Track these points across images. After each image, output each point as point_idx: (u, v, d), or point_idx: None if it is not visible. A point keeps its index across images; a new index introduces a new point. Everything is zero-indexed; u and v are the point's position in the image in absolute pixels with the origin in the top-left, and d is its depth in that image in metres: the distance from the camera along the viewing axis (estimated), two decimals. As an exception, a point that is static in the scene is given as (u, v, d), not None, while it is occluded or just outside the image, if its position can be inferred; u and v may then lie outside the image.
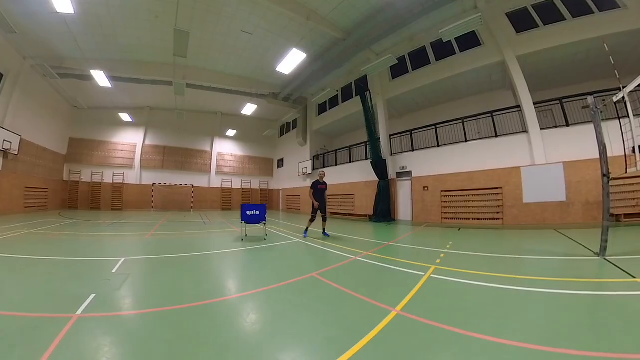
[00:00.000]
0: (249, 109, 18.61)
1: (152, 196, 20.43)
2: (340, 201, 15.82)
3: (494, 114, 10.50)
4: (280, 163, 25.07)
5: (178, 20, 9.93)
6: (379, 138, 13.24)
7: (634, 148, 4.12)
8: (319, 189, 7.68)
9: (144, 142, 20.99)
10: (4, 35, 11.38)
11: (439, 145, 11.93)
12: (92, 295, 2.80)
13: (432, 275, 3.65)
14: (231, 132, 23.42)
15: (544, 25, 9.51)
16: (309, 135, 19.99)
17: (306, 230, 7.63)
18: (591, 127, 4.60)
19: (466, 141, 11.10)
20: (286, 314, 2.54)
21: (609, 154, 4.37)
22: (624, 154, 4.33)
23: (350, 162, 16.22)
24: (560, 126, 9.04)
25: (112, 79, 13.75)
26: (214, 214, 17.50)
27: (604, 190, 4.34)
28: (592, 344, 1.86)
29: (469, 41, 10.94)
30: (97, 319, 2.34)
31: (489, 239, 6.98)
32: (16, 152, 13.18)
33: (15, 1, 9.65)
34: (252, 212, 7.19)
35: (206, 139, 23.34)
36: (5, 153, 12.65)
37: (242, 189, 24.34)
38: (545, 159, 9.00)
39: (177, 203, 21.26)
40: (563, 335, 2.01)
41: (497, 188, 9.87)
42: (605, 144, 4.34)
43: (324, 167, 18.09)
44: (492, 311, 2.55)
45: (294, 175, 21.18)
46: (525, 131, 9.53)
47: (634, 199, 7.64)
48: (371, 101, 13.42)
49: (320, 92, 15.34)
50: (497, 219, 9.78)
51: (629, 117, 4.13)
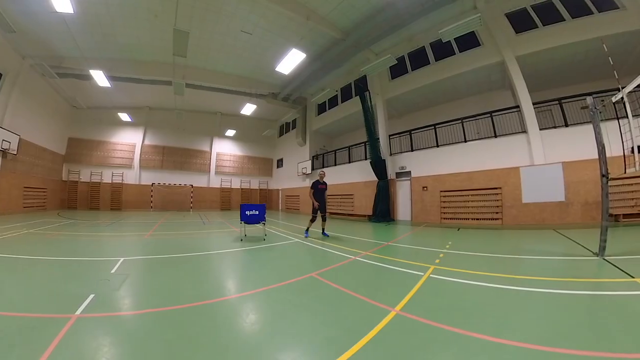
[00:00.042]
0: (249, 109, 18.61)
1: (151, 196, 20.41)
2: (340, 201, 15.83)
3: (493, 114, 10.52)
4: (280, 163, 25.06)
5: (177, 20, 9.93)
6: (378, 138, 13.25)
7: (632, 148, 4.13)
8: (319, 189, 7.67)
9: (143, 142, 20.98)
10: (2, 35, 11.35)
11: (438, 146, 11.95)
12: (91, 296, 2.79)
13: (431, 275, 3.66)
14: (230, 132, 23.42)
15: (543, 25, 9.53)
16: (309, 135, 19.99)
17: (307, 230, 7.63)
18: (590, 127, 4.61)
19: (465, 141, 11.11)
20: (286, 314, 2.54)
21: (608, 154, 4.38)
22: (622, 154, 4.34)
23: (349, 162, 16.23)
24: (559, 126, 9.07)
25: (111, 78, 13.74)
26: (213, 214, 17.49)
27: (602, 191, 4.35)
28: (591, 344, 1.87)
29: (468, 41, 10.96)
30: (96, 319, 2.33)
31: (488, 239, 6.99)
32: (15, 152, 13.16)
33: (15, 0, 9.62)
34: (251, 212, 7.19)
35: (205, 139, 23.32)
36: (4, 153, 12.63)
37: (242, 189, 24.34)
38: (544, 159, 9.01)
39: (177, 203, 21.24)
40: (563, 335, 2.01)
41: (496, 188, 9.89)
42: (604, 144, 4.35)
43: (323, 167, 18.07)
44: (491, 311, 2.55)
45: (293, 175, 21.18)
46: (525, 131, 9.55)
47: (632, 199, 7.66)
48: (370, 101, 13.43)
49: (319, 92, 15.37)
50: (496, 219, 9.80)
51: (627, 117, 4.15)
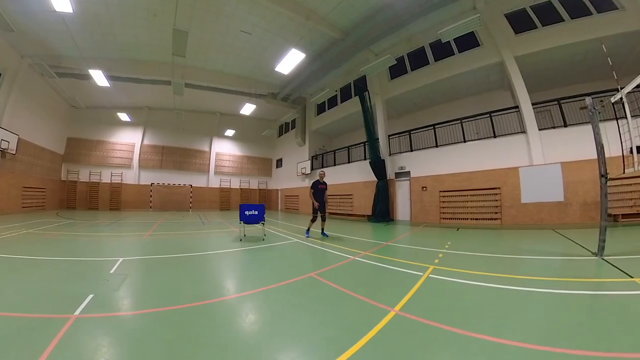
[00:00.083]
0: (248, 109, 18.58)
1: (151, 196, 20.37)
2: (339, 201, 15.82)
3: (493, 114, 10.53)
4: (279, 163, 25.04)
5: (177, 19, 9.90)
6: (378, 138, 13.25)
7: (631, 148, 4.15)
8: (319, 189, 7.66)
9: (142, 141, 20.95)
10: (1, 34, 11.31)
11: (437, 146, 11.95)
12: (90, 296, 2.78)
13: (430, 275, 3.66)
14: (230, 132, 23.40)
15: (543, 26, 9.54)
16: (308, 135, 19.98)
17: (308, 230, 7.63)
18: (589, 127, 4.62)
19: (465, 141, 11.12)
20: (285, 314, 2.54)
21: (607, 155, 4.39)
22: (621, 154, 4.36)
23: (348, 162, 16.23)
24: (558, 127, 9.08)
25: (110, 78, 13.70)
26: (213, 214, 17.47)
27: (601, 191, 4.36)
28: (591, 344, 1.87)
29: (468, 42, 10.97)
30: (95, 319, 2.33)
31: (487, 239, 7.00)
32: (14, 152, 13.13)
33: (14, 0, 9.59)
34: (250, 212, 7.19)
35: (205, 139, 23.30)
36: (2, 152, 12.60)
37: (241, 189, 24.32)
38: (543, 159, 9.02)
39: (176, 203, 21.21)
40: (562, 335, 2.01)
41: (495, 188, 9.90)
42: (603, 145, 4.36)
43: (322, 167, 18.08)
44: (490, 311, 2.55)
45: (292, 176, 21.17)
46: (524, 131, 9.56)
47: (631, 199, 7.68)
48: (370, 101, 13.43)
49: (319, 92, 15.35)
50: (495, 219, 9.81)
51: (626, 117, 4.16)
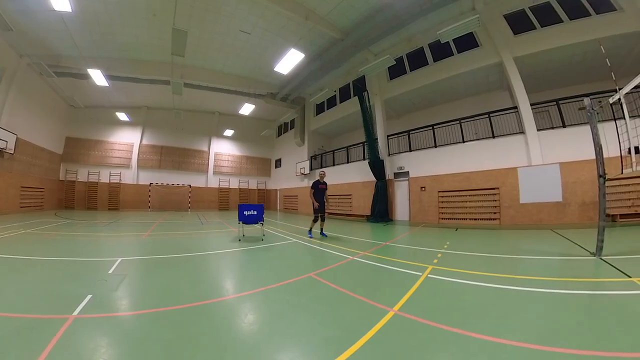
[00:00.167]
0: (247, 109, 18.57)
1: (149, 196, 20.33)
2: (338, 201, 15.82)
3: (491, 114, 10.55)
4: (278, 163, 25.03)
5: (176, 19, 9.88)
6: (377, 138, 13.25)
7: (629, 149, 4.16)
8: (319, 189, 7.65)
9: (141, 141, 20.90)
10: (0, 33, 11.27)
11: (436, 146, 11.97)
12: (89, 296, 2.78)
13: (429, 275, 3.66)
14: (229, 132, 23.37)
15: (542, 27, 9.57)
16: (307, 135, 19.98)
17: (310, 230, 7.62)
18: (587, 128, 4.63)
19: (463, 142, 11.14)
20: (284, 314, 2.54)
21: (605, 155, 4.40)
22: (619, 154, 4.37)
23: (348, 163, 16.23)
24: (556, 127, 9.10)
25: (109, 77, 13.67)
26: (212, 214, 17.45)
27: (600, 191, 4.37)
28: (591, 344, 1.87)
29: (467, 42, 10.99)
30: (94, 319, 2.32)
31: (486, 239, 7.01)
32: (12, 152, 13.07)
33: (12, -1, 9.58)
34: (249, 212, 7.18)
35: (204, 139, 23.28)
36: (1, 152, 12.54)
37: (240, 189, 24.30)
38: (541, 159, 9.04)
39: (175, 203, 21.17)
40: (562, 335, 2.02)
41: (494, 188, 9.92)
42: (601, 145, 4.37)
43: (321, 167, 18.11)
44: (490, 311, 2.56)
45: (291, 176, 21.16)
46: (522, 132, 9.58)
47: (629, 199, 7.71)
48: (369, 101, 13.44)
49: (318, 92, 15.35)
50: (494, 219, 9.82)
51: (624, 118, 4.17)
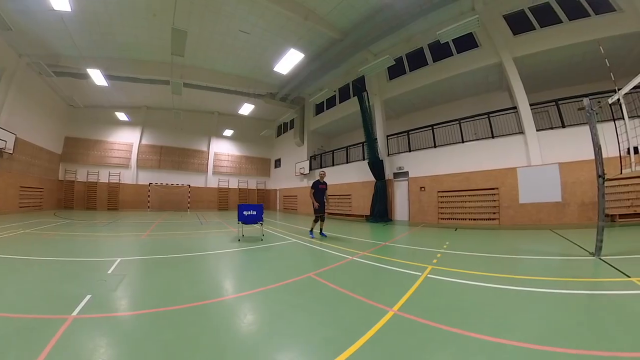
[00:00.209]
0: (246, 109, 18.57)
1: (149, 196, 20.30)
2: (338, 201, 15.82)
3: (491, 115, 10.55)
4: (278, 163, 25.02)
5: (176, 19, 9.87)
6: (376, 138, 13.25)
7: (628, 149, 4.17)
8: (319, 189, 7.64)
9: (140, 141, 20.88)
10: (-1, 33, 11.26)
11: (435, 146, 11.97)
12: (88, 296, 2.77)
13: (429, 275, 3.67)
14: (228, 132, 23.36)
15: (541, 27, 9.58)
16: (306, 135, 19.98)
17: (311, 230, 7.62)
18: (587, 128, 4.64)
19: (463, 142, 11.14)
20: (283, 314, 2.54)
21: (604, 155, 4.41)
22: (618, 155, 4.38)
23: (347, 163, 16.24)
24: (556, 127, 9.12)
25: (108, 77, 13.66)
26: (211, 214, 17.44)
27: (599, 191, 4.38)
28: (590, 343, 1.88)
29: (466, 43, 11.00)
30: (93, 320, 2.32)
31: (485, 239, 7.02)
32: (11, 151, 13.05)
33: (11, -2, 9.56)
34: (249, 213, 7.18)
35: (203, 139, 23.26)
36: (0, 152, 12.52)
37: (239, 189, 24.29)
38: (541, 159, 9.05)
39: (174, 203, 21.15)
40: (561, 335, 2.02)
41: (493, 189, 9.92)
42: (600, 145, 4.38)
43: (321, 167, 18.11)
44: (489, 311, 2.56)
45: (291, 176, 21.16)
46: (522, 132, 9.59)
47: (628, 199, 7.72)
48: (368, 102, 13.43)
49: (317, 92, 15.36)
50: (493, 219, 9.83)
51: (624, 118, 4.18)
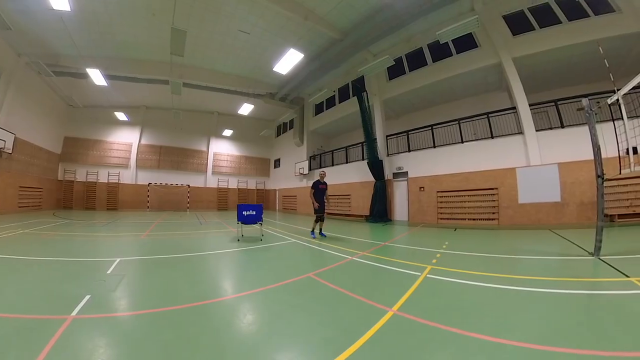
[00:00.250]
0: (246, 109, 18.55)
1: (148, 196, 20.27)
2: (337, 201, 15.83)
3: (490, 115, 10.56)
4: (277, 163, 25.01)
5: (175, 18, 9.85)
6: (376, 139, 13.26)
7: (627, 149, 4.17)
8: (319, 189, 7.63)
9: (139, 141, 20.85)
10: (-2, 33, 11.23)
11: (435, 146, 11.98)
12: (87, 296, 2.77)
13: (428, 275, 3.67)
14: (228, 132, 23.33)
15: (540, 28, 9.59)
16: (306, 135, 19.98)
17: (312, 230, 7.61)
18: (586, 128, 4.64)
19: (462, 142, 11.15)
20: (283, 314, 2.54)
21: (603, 156, 4.41)
22: (617, 155, 4.38)
23: (346, 163, 16.24)
24: (555, 128, 9.13)
25: (108, 77, 13.63)
26: (210, 214, 17.43)
27: (598, 191, 4.38)
28: (590, 343, 1.88)
29: (466, 43, 11.01)
30: (92, 320, 2.31)
31: (484, 239, 7.03)
32: (10, 151, 13.02)
33: (10, -2, 9.54)
34: (248, 213, 7.16)
35: (202, 139, 23.25)
36: (-1, 152, 12.51)
37: (239, 189, 24.27)
38: (540, 160, 9.07)
39: (173, 203, 21.13)
40: (561, 335, 2.02)
41: (492, 189, 9.93)
42: (599, 146, 4.39)
43: (320, 167, 18.12)
44: (489, 311, 2.56)
45: (290, 176, 21.15)
46: (521, 132, 9.60)
47: (627, 199, 7.73)
48: (368, 102, 13.43)
49: (317, 93, 15.36)
50: (492, 219, 9.84)
51: (622, 119, 4.18)
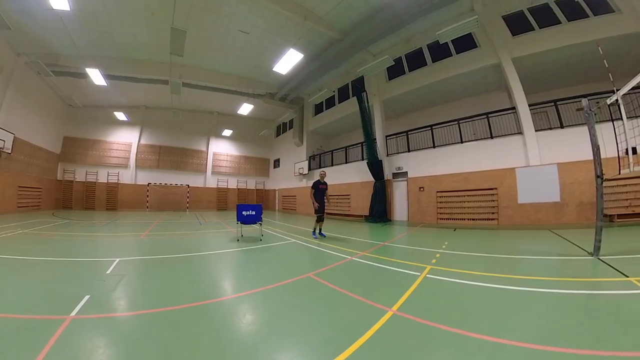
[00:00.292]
0: (246, 109, 18.54)
1: (147, 196, 20.26)
2: (337, 201, 15.82)
3: (490, 115, 10.57)
4: (277, 163, 25.00)
5: (175, 18, 9.83)
6: (375, 139, 13.25)
7: (627, 150, 4.18)
8: (319, 189, 7.63)
9: (139, 141, 20.82)
10: (-3, 32, 11.20)
11: (434, 146, 11.98)
12: (87, 297, 2.77)
13: (427, 275, 3.67)
14: (227, 132, 23.31)
15: (540, 28, 9.60)
16: (306, 135, 19.98)
17: (314, 231, 7.60)
18: (585, 129, 4.65)
19: (462, 142, 11.16)
20: (282, 314, 2.53)
21: (603, 156, 4.42)
22: (617, 155, 4.39)
23: (346, 163, 16.24)
24: (554, 128, 9.14)
25: (107, 77, 13.60)
26: (210, 214, 17.41)
27: (597, 191, 4.39)
28: (589, 343, 1.88)
29: (465, 43, 11.01)
30: (92, 320, 2.31)
31: (484, 239, 7.03)
32: (9, 151, 12.99)
33: (9, -3, 9.52)
34: (248, 213, 7.15)
35: (202, 139, 23.22)
36: (-2, 152, 12.48)
37: (238, 189, 24.25)
38: (539, 160, 9.08)
39: (173, 203, 21.11)
40: (561, 335, 2.02)
41: (492, 189, 9.94)
42: (598, 146, 4.39)
43: (320, 167, 18.11)
44: (488, 311, 2.56)
45: (290, 176, 21.14)
46: (520, 132, 9.61)
47: (626, 199, 7.74)
48: (367, 102, 13.44)
49: (316, 93, 15.34)
50: (492, 219, 9.85)
51: (622, 119, 4.19)
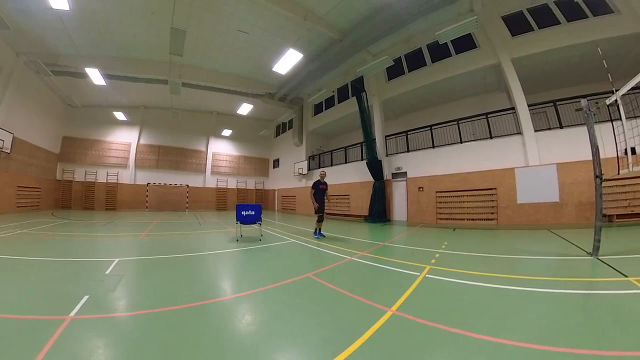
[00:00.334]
0: (245, 109, 18.53)
1: (147, 196, 20.24)
2: (336, 201, 15.82)
3: (489, 115, 10.59)
4: (276, 163, 24.99)
5: (174, 18, 9.82)
6: (375, 139, 13.26)
7: (626, 150, 4.19)
8: (320, 189, 7.62)
9: (138, 141, 20.79)
10: (-4, 32, 11.18)
11: (434, 147, 11.99)
12: (86, 297, 2.76)
13: (427, 275, 3.67)
14: (227, 132, 23.30)
15: (539, 28, 9.61)
16: (305, 135, 19.98)
17: (315, 231, 7.59)
18: (584, 129, 4.66)
19: (461, 142, 11.17)
20: (282, 314, 2.53)
21: (602, 156, 4.43)
22: (616, 155, 4.40)
23: (346, 163, 16.25)
24: (554, 128, 9.15)
25: (106, 77, 13.59)
26: (209, 214, 17.40)
27: (596, 191, 4.40)
28: (589, 343, 1.88)
29: (465, 44, 11.02)
30: (91, 320, 2.31)
31: (483, 239, 7.04)
32: (9, 151, 12.96)
33: (9, -3, 9.51)
34: (247, 213, 7.15)
35: (201, 139, 23.20)
36: (-3, 151, 12.45)
37: (238, 189, 24.23)
38: (539, 160, 9.09)
39: (172, 203, 21.09)
40: (561, 334, 2.03)
41: (491, 189, 9.95)
42: (598, 146, 4.40)
43: (319, 167, 18.12)
44: (488, 311, 2.56)
45: (289, 176, 21.13)
46: (520, 133, 9.62)
47: (625, 199, 7.76)
48: (367, 102, 13.45)
49: (316, 93, 15.32)
50: (491, 219, 9.86)
51: (621, 119, 4.20)
